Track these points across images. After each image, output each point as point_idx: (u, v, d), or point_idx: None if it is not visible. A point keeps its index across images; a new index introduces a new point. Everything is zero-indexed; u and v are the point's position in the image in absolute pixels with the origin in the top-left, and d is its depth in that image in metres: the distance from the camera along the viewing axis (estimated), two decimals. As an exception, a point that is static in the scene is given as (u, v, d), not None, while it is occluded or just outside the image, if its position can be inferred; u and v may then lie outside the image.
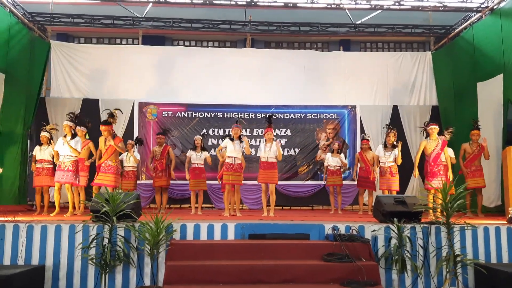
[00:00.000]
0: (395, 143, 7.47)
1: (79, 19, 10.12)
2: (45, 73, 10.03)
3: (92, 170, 7.82)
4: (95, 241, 4.57)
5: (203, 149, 8.04)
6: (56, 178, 6.79)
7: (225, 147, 7.21)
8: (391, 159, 7.47)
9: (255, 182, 8.12)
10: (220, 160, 7.81)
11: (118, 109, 6.94)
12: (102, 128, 6.77)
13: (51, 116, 9.87)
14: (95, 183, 6.80)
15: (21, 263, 4.63)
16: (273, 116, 7.58)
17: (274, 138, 7.23)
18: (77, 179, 6.97)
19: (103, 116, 9.76)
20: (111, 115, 6.84)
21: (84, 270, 4.64)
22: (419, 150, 7.29)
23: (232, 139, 7.14)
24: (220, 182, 7.72)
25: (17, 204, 8.37)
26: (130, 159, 8.25)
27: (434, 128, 7.14)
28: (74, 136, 6.93)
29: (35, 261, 4.66)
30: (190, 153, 7.99)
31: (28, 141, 9.49)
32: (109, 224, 4.56)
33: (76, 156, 6.91)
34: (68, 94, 10.28)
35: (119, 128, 10.00)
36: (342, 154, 8.80)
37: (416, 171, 7.34)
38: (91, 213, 4.91)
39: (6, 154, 8.37)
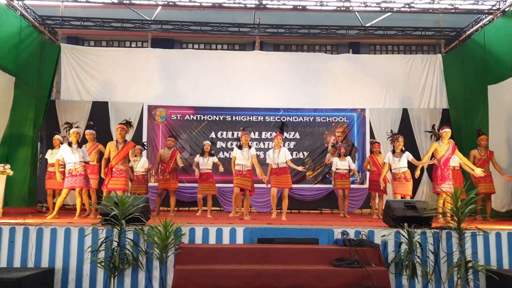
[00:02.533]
0: (403, 148, 7.36)
1: (89, 22, 10.19)
2: (55, 76, 10.11)
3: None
4: (104, 244, 4.59)
5: (211, 154, 8.09)
6: (67, 184, 6.81)
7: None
8: (402, 164, 7.25)
9: (263, 185, 8.13)
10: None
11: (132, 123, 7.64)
12: (120, 126, 7.18)
13: (61, 118, 9.92)
14: (109, 188, 6.94)
15: (31, 265, 4.67)
16: (284, 123, 7.71)
17: (282, 144, 7.30)
18: (89, 182, 7.05)
19: (113, 119, 9.92)
20: (129, 123, 7.40)
21: (93, 273, 4.66)
22: (428, 152, 7.16)
23: (240, 147, 7.22)
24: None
25: (27, 206, 8.42)
26: (139, 164, 8.30)
27: (448, 132, 7.07)
28: (80, 144, 7.05)
29: (44, 263, 4.69)
30: (198, 158, 8.09)
31: (38, 143, 9.57)
32: (118, 228, 4.58)
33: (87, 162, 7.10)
34: (78, 97, 10.34)
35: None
36: (349, 158, 8.74)
37: (418, 172, 7.23)
38: (101, 216, 4.93)
39: (16, 156, 8.43)
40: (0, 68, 7.83)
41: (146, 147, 9.15)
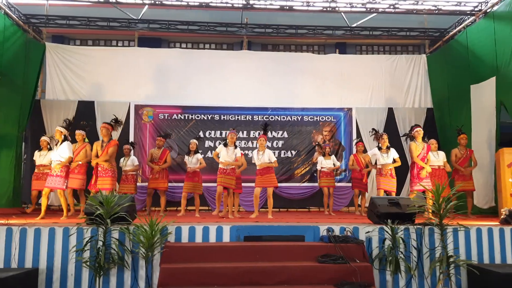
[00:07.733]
0: (388, 145, 7.49)
1: (74, 21, 10.08)
2: (40, 75, 9.97)
3: (89, 173, 7.84)
4: (89, 244, 4.58)
5: (196, 152, 8.07)
6: (47, 183, 6.81)
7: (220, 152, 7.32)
8: (390, 160, 7.37)
9: (252, 185, 8.13)
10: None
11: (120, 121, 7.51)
12: (103, 125, 7.18)
13: (46, 118, 9.83)
14: (96, 188, 6.86)
15: (14, 266, 4.63)
16: (268, 124, 7.67)
17: (267, 145, 7.33)
18: (65, 183, 6.93)
19: (99, 119, 9.83)
20: (117, 120, 7.35)
21: (78, 273, 4.64)
22: (413, 153, 7.26)
23: (226, 145, 7.23)
24: None
25: (11, 207, 8.32)
26: (127, 163, 8.28)
27: (420, 131, 7.28)
28: (64, 140, 6.96)
29: (28, 264, 4.65)
30: (186, 157, 8.11)
31: (23, 143, 9.46)
32: (104, 227, 4.57)
33: (64, 161, 6.93)
34: (63, 96, 10.23)
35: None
36: (333, 156, 8.90)
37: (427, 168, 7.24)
38: (85, 216, 4.91)
39: (1, 157, 8.35)
40: (-15, 67, 7.76)
41: (134, 146, 9.12)
